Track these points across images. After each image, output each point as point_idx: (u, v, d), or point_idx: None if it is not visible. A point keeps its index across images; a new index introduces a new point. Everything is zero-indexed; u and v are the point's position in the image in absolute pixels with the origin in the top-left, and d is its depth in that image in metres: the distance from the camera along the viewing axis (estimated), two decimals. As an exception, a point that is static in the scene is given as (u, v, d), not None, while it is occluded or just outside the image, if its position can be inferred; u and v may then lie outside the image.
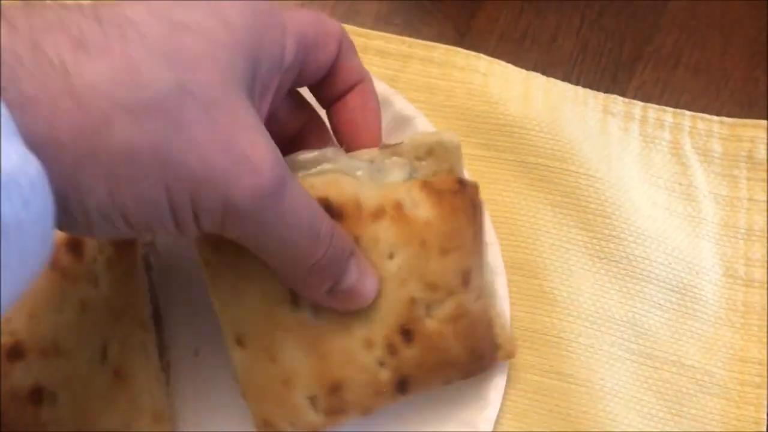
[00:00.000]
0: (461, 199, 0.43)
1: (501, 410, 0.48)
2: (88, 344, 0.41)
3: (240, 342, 0.39)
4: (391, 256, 0.41)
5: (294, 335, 0.39)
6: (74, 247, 0.42)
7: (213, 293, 0.40)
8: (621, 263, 0.50)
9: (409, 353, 0.40)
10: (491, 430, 0.46)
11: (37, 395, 0.39)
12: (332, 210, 0.40)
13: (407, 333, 0.40)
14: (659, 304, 0.50)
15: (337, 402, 0.40)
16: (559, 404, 0.49)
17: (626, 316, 0.50)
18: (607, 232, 0.51)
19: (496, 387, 0.47)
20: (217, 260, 0.39)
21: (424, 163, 0.43)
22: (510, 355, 0.46)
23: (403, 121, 0.50)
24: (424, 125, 0.50)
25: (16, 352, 0.40)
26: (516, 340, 0.49)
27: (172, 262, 0.48)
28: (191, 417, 0.46)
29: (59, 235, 0.38)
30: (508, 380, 0.49)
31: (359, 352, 0.40)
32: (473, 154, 0.52)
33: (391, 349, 0.40)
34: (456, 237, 0.42)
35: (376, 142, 0.41)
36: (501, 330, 0.46)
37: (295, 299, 0.40)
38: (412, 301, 0.40)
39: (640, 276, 0.50)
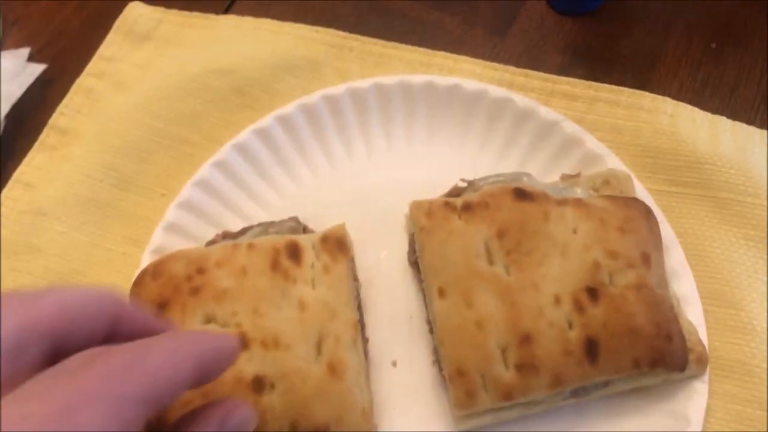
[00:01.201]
0: (634, 201, 0.59)
1: None
2: (305, 339, 0.52)
3: (441, 293, 0.53)
4: (575, 231, 0.54)
5: (489, 285, 0.53)
6: (294, 252, 0.57)
7: (423, 251, 0.55)
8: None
9: (595, 312, 0.51)
10: None
11: (259, 383, 0.50)
12: (525, 193, 0.55)
13: (593, 292, 0.52)
14: None
15: (527, 356, 0.51)
16: None
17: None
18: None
19: (697, 407, 0.56)
20: (429, 224, 0.55)
21: (600, 190, 0.60)
22: (703, 360, 0.55)
23: (594, 159, 0.65)
24: (614, 163, 0.65)
25: (241, 343, 0.50)
26: (715, 369, 0.58)
27: (374, 281, 0.63)
28: (388, 422, 0.57)
29: (280, 239, 0.57)
30: (708, 409, 0.57)
31: (548, 307, 0.52)
32: (662, 190, 0.65)
33: (578, 306, 0.52)
34: (632, 221, 0.56)
35: None
36: (691, 335, 0.55)
37: (490, 256, 0.53)
38: (596, 265, 0.52)
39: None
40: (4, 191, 0.69)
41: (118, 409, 0.31)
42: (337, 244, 0.58)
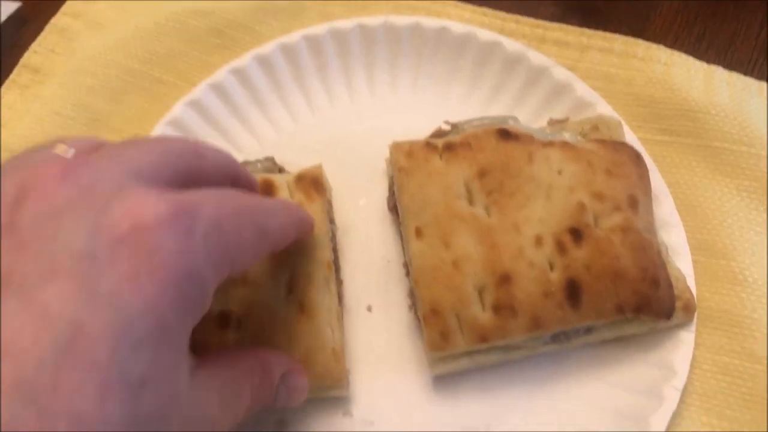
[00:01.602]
0: (623, 145, 0.56)
1: (686, 390, 0.54)
2: (275, 277, 0.51)
3: (419, 233, 0.52)
4: (560, 172, 0.52)
5: (468, 226, 0.51)
6: (267, 191, 0.55)
7: (401, 192, 0.54)
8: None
9: (578, 254, 0.49)
10: (677, 402, 0.52)
11: (224, 319, 0.49)
12: (509, 134, 0.53)
13: (576, 233, 0.50)
14: None
15: (505, 296, 0.49)
16: (750, 387, 0.54)
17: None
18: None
19: (683, 358, 0.54)
20: (409, 164, 0.53)
21: (588, 136, 0.58)
22: (690, 308, 0.53)
23: (584, 107, 0.63)
24: (605, 110, 0.62)
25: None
26: (702, 320, 0.56)
27: (352, 228, 0.61)
28: (361, 368, 0.55)
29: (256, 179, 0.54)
30: (694, 360, 0.55)
31: (529, 248, 0.50)
32: (654, 139, 0.63)
33: (561, 248, 0.49)
34: (620, 166, 0.54)
35: None
36: (679, 282, 0.53)
37: (471, 197, 0.51)
38: (581, 207, 0.50)
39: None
40: (-27, 130, 0.66)
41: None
42: (312, 183, 0.55)
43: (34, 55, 0.70)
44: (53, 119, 0.65)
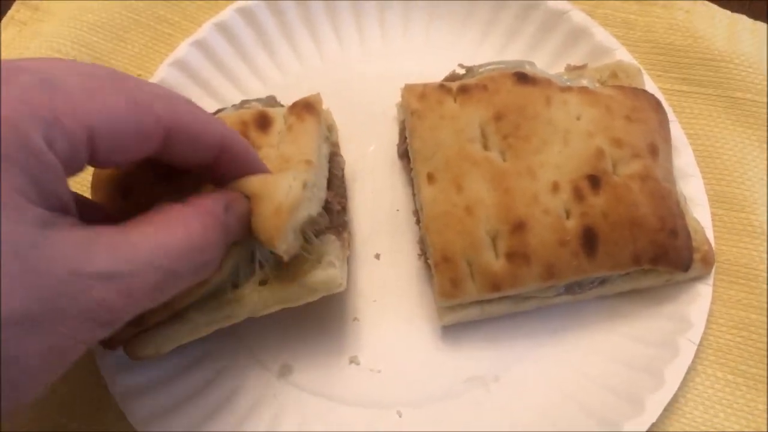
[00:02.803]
0: (643, 92, 0.54)
1: (701, 344, 0.53)
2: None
3: (430, 178, 0.50)
4: (578, 117, 0.50)
5: (482, 170, 0.49)
6: (262, 123, 0.51)
7: (413, 136, 0.52)
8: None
9: (596, 201, 0.48)
10: (692, 355, 0.51)
11: None
12: (526, 77, 0.51)
13: (594, 180, 0.48)
14: None
15: (519, 244, 0.47)
16: (765, 342, 0.51)
17: None
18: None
19: (700, 311, 0.52)
20: (422, 107, 0.51)
21: (607, 83, 0.55)
22: (709, 260, 0.51)
23: (602, 53, 0.61)
24: (624, 57, 0.60)
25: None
26: (720, 273, 0.55)
27: (360, 175, 0.60)
28: (369, 315, 0.54)
29: (249, 111, 0.52)
30: (711, 315, 0.53)
31: (545, 194, 0.48)
32: (673, 89, 0.61)
33: (578, 194, 0.48)
34: (640, 112, 0.52)
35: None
36: (697, 234, 0.51)
37: (485, 140, 0.49)
38: (599, 153, 0.49)
39: None
40: (-31, 68, 0.64)
41: None
42: (305, 106, 0.52)
43: (33, -10, 0.68)
44: (53, 57, 0.63)
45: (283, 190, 0.44)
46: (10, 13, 0.66)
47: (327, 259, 0.47)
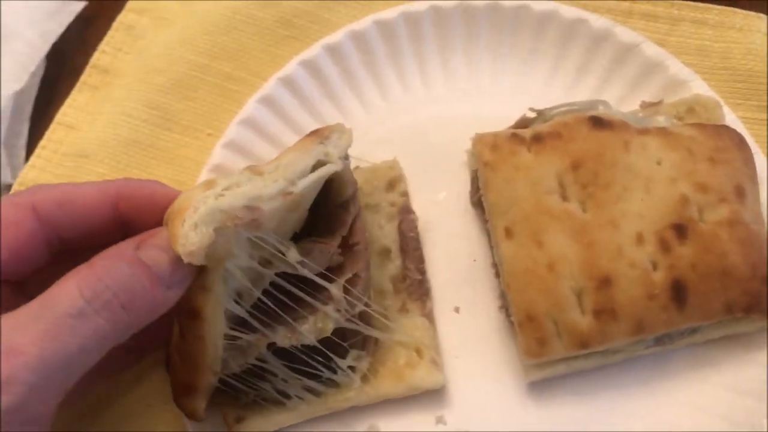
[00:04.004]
0: (725, 128, 0.52)
1: None
2: None
3: (508, 233, 0.49)
4: (659, 162, 0.49)
5: (562, 224, 0.48)
6: None
7: (487, 188, 0.51)
8: None
9: (683, 251, 0.46)
10: None
11: None
12: (602, 121, 0.50)
13: (680, 229, 0.47)
14: None
15: (605, 300, 0.46)
16: None
17: None
18: None
19: None
20: (495, 158, 0.50)
21: (684, 119, 0.54)
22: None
23: (678, 86, 0.59)
24: (701, 89, 0.58)
25: None
26: None
27: (433, 223, 0.59)
28: (453, 372, 0.54)
29: None
30: None
31: (630, 247, 0.47)
32: (754, 118, 0.59)
33: (664, 246, 0.47)
34: (723, 152, 0.51)
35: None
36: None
37: (563, 191, 0.48)
38: (684, 200, 0.47)
39: None
40: (47, 134, 0.66)
41: None
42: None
43: (103, 55, 0.69)
44: (126, 121, 0.65)
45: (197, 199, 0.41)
46: (82, 78, 0.68)
47: (430, 356, 0.50)
